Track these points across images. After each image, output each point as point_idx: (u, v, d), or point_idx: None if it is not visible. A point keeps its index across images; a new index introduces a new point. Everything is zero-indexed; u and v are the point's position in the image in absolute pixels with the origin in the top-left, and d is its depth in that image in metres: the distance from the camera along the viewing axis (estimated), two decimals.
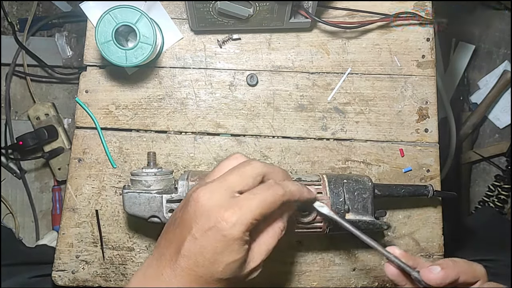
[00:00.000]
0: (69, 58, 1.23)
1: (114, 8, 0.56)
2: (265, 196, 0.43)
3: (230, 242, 0.41)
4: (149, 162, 0.57)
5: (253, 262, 0.45)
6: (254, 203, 0.42)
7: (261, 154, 0.64)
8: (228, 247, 0.41)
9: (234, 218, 0.41)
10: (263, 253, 0.45)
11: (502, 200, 1.27)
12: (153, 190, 0.53)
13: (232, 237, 0.41)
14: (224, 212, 0.41)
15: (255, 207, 0.42)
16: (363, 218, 0.54)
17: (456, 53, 1.31)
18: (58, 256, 0.63)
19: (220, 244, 0.41)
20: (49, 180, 1.27)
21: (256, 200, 0.42)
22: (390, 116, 0.65)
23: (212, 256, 0.42)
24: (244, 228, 0.41)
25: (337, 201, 0.53)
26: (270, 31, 0.64)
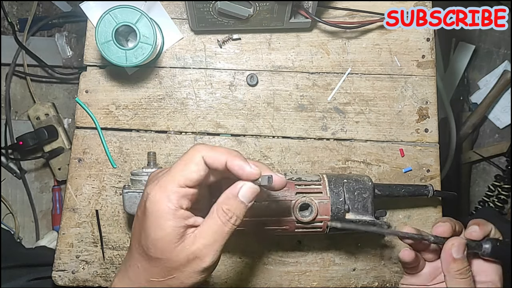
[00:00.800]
0: (69, 58, 1.23)
1: (114, 8, 0.56)
2: (182, 163, 0.42)
3: (157, 215, 0.41)
4: (149, 162, 0.57)
5: (192, 246, 0.42)
6: (172, 172, 0.42)
7: (261, 154, 0.64)
8: (155, 221, 0.42)
9: (151, 190, 0.42)
10: (206, 238, 0.42)
11: (502, 200, 1.27)
12: None
13: (157, 211, 0.41)
14: (148, 188, 0.42)
15: (174, 175, 0.42)
16: (363, 218, 0.54)
17: (456, 53, 1.31)
18: (58, 256, 0.63)
19: (148, 219, 0.42)
20: (49, 180, 1.27)
21: (174, 169, 0.42)
22: (390, 116, 0.65)
23: (145, 232, 0.43)
24: (165, 199, 0.41)
25: (337, 200, 0.53)
26: (270, 31, 0.64)
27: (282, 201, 0.53)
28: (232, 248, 0.63)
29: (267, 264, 0.64)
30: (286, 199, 0.53)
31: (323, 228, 0.54)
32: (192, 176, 0.42)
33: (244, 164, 0.42)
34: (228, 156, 0.42)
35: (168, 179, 0.42)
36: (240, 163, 0.42)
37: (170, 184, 0.42)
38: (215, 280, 0.63)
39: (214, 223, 0.42)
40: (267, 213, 0.53)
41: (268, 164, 0.64)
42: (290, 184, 0.54)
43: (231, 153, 0.43)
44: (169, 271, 0.43)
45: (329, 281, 0.64)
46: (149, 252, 0.43)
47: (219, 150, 0.42)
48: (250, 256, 0.64)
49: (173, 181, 0.42)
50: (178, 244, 0.42)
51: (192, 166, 0.42)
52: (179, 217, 0.42)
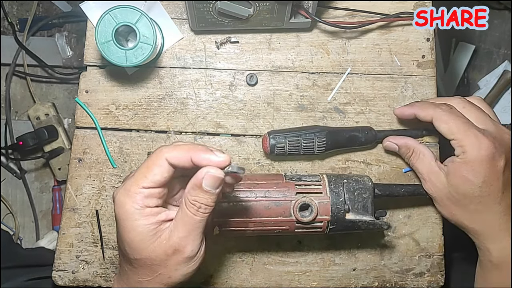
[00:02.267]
0: (69, 58, 1.23)
1: (114, 8, 0.56)
2: (145, 166, 0.42)
3: (125, 218, 0.42)
4: None
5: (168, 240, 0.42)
6: (135, 176, 0.42)
7: (261, 154, 0.64)
8: (125, 224, 0.42)
9: (116, 194, 0.43)
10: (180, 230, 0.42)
11: None
12: None
13: (124, 213, 0.42)
14: (114, 193, 0.43)
15: (137, 178, 0.42)
16: (363, 218, 0.54)
17: (456, 53, 1.31)
18: (58, 256, 0.63)
19: (119, 223, 0.43)
20: (49, 180, 1.27)
21: (137, 173, 0.42)
22: (390, 116, 0.65)
23: (120, 236, 0.43)
24: (129, 201, 0.41)
25: (337, 201, 0.53)
26: (270, 31, 0.64)
27: (282, 201, 0.53)
28: (232, 248, 0.63)
29: (267, 264, 0.64)
30: (286, 199, 0.53)
31: (323, 228, 0.54)
32: (155, 179, 0.42)
33: (210, 156, 0.41)
34: (192, 153, 0.41)
35: (132, 182, 0.42)
36: (205, 156, 0.41)
37: (133, 187, 0.42)
38: (215, 280, 0.63)
39: (184, 215, 0.42)
40: (267, 213, 0.53)
41: (268, 164, 0.64)
42: (290, 184, 0.54)
43: (194, 148, 0.42)
44: (153, 268, 0.43)
45: (329, 281, 0.64)
46: (128, 255, 0.44)
47: (182, 148, 0.42)
48: (250, 256, 0.64)
49: (136, 183, 0.42)
50: (154, 241, 0.42)
51: (155, 168, 0.42)
52: (147, 215, 0.42)
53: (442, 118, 0.51)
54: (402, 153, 0.59)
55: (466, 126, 0.49)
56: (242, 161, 0.64)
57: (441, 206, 0.54)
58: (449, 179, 0.50)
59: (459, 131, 0.50)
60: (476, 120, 0.51)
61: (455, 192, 0.49)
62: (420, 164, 0.56)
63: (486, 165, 0.47)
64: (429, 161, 0.55)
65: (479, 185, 0.47)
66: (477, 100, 0.55)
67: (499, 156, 0.48)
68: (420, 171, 0.56)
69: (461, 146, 0.50)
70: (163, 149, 0.42)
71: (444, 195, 0.51)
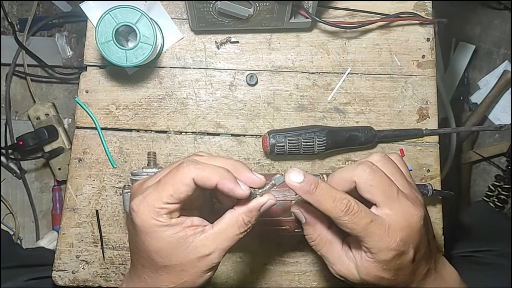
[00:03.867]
0: (69, 58, 1.23)
1: (114, 8, 0.56)
2: (170, 183, 0.42)
3: (150, 230, 0.42)
4: (149, 162, 0.57)
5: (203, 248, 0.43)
6: (159, 190, 0.42)
7: (261, 154, 0.64)
8: (151, 235, 0.42)
9: (138, 207, 0.42)
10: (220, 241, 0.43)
11: (502, 200, 1.27)
12: None
13: (149, 227, 0.42)
14: (134, 204, 0.43)
15: (161, 194, 0.42)
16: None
17: (456, 53, 1.31)
18: (58, 256, 0.63)
19: (143, 234, 0.42)
20: (49, 180, 1.27)
21: (161, 187, 0.42)
22: (390, 116, 0.65)
23: (144, 245, 0.43)
24: (155, 215, 0.41)
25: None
26: (270, 31, 0.64)
27: (282, 201, 0.53)
28: (232, 248, 0.63)
29: (267, 264, 0.64)
30: (286, 199, 0.53)
31: None
32: (180, 196, 0.42)
33: (234, 188, 0.42)
34: (219, 179, 0.42)
35: (156, 197, 0.42)
36: (230, 186, 0.42)
37: (157, 202, 0.42)
38: (215, 280, 0.63)
39: (231, 231, 0.44)
40: (267, 213, 0.53)
41: (268, 164, 0.64)
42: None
43: (222, 174, 0.42)
44: (180, 275, 0.44)
45: (329, 281, 0.64)
46: (156, 263, 0.43)
47: (210, 171, 0.42)
48: (250, 256, 0.64)
49: (161, 199, 0.42)
50: (186, 247, 0.43)
51: (180, 186, 0.41)
52: (173, 225, 0.42)
53: (343, 221, 0.44)
54: (307, 234, 0.50)
55: (370, 228, 0.44)
56: (242, 161, 0.64)
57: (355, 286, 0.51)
58: (360, 274, 0.47)
59: (362, 234, 0.44)
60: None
61: (368, 283, 0.47)
62: (326, 252, 0.49)
63: (396, 262, 0.45)
64: (337, 251, 0.49)
65: (392, 279, 0.46)
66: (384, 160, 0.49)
67: (406, 250, 0.45)
68: (326, 259, 0.50)
69: (367, 248, 0.45)
70: (191, 168, 0.42)
71: (355, 282, 0.48)
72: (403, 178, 0.49)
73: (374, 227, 0.44)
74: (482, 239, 0.91)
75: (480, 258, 0.78)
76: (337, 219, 0.44)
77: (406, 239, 0.45)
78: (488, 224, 1.06)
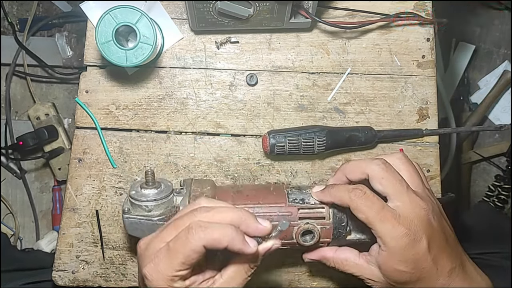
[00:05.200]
0: (69, 58, 1.23)
1: (114, 8, 0.56)
2: (181, 251, 0.42)
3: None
4: (147, 182, 0.54)
5: None
6: (171, 258, 0.42)
7: (261, 154, 0.64)
8: None
9: (152, 275, 0.42)
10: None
11: (502, 200, 1.27)
12: (155, 215, 0.52)
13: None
14: (146, 270, 0.43)
15: (173, 262, 0.42)
16: (362, 236, 0.54)
17: (456, 53, 1.31)
18: (59, 256, 0.63)
19: None
20: (49, 180, 1.27)
21: (173, 255, 0.42)
22: (390, 116, 0.65)
23: None
24: (169, 282, 0.42)
25: (339, 225, 0.52)
26: (270, 31, 0.64)
27: None
28: None
29: (267, 264, 0.64)
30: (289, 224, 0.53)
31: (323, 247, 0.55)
32: (191, 262, 0.42)
33: (243, 248, 0.43)
34: (229, 241, 0.42)
35: (168, 266, 0.42)
36: (239, 246, 0.43)
37: (170, 271, 0.42)
38: None
39: (239, 277, 0.46)
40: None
41: (268, 164, 0.64)
42: (293, 208, 0.53)
43: (231, 235, 0.42)
44: None
45: (329, 281, 0.64)
46: None
47: (219, 234, 0.42)
48: None
49: (173, 268, 0.42)
50: None
51: (192, 254, 0.42)
52: (186, 286, 0.43)
53: (358, 205, 0.47)
54: (326, 264, 0.55)
55: (382, 213, 0.47)
56: (242, 161, 0.64)
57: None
58: (382, 272, 0.49)
59: (374, 219, 0.47)
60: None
61: (393, 282, 0.49)
62: (349, 269, 0.52)
63: (411, 252, 0.46)
64: (355, 262, 0.52)
65: (412, 272, 0.47)
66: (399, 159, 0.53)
67: (419, 239, 0.46)
68: (354, 274, 0.52)
69: (380, 237, 0.47)
70: (200, 235, 0.42)
71: (386, 286, 0.50)
72: (419, 179, 0.51)
73: (385, 213, 0.47)
74: (487, 241, 0.90)
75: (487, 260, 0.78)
76: (353, 205, 0.48)
77: (416, 228, 0.47)
78: (492, 226, 1.05)
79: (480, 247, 0.83)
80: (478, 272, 0.51)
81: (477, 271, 0.51)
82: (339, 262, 0.53)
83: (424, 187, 0.51)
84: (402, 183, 0.48)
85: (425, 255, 0.47)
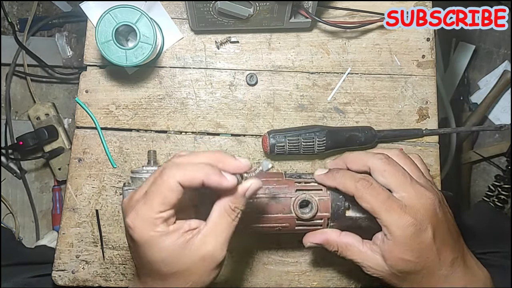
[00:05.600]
0: (69, 58, 1.23)
1: (114, 8, 0.56)
2: (158, 191, 0.42)
3: (151, 242, 0.42)
4: (149, 161, 0.57)
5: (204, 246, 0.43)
6: (149, 202, 0.42)
7: (261, 154, 0.64)
8: (152, 247, 0.42)
9: (134, 223, 0.42)
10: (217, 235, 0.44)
11: (502, 200, 1.27)
12: None
13: (148, 239, 0.42)
14: (129, 220, 0.43)
15: (152, 205, 0.42)
16: (363, 215, 0.54)
17: (456, 53, 1.31)
18: (58, 256, 0.63)
19: (144, 247, 0.43)
20: (49, 180, 1.27)
21: (150, 198, 0.42)
22: (390, 116, 0.65)
23: (147, 257, 0.43)
24: (151, 227, 0.42)
25: (337, 197, 0.53)
26: (270, 31, 0.64)
27: (282, 197, 0.53)
28: (232, 248, 0.63)
29: (267, 264, 0.64)
30: (286, 196, 0.53)
31: (324, 226, 0.54)
32: (171, 202, 0.42)
33: (220, 180, 0.42)
34: (205, 175, 0.42)
35: (147, 209, 0.42)
36: (215, 179, 0.42)
37: (150, 213, 0.42)
38: (215, 280, 0.63)
39: (224, 221, 0.44)
40: (266, 210, 0.53)
41: None
42: (290, 181, 0.54)
43: (206, 170, 0.42)
44: (188, 278, 0.44)
45: (329, 281, 0.64)
46: (163, 272, 0.44)
47: (193, 170, 0.42)
48: (250, 256, 0.64)
49: (153, 210, 0.42)
50: (188, 252, 0.43)
51: (168, 194, 0.42)
52: (171, 233, 0.43)
53: (364, 194, 0.48)
54: (328, 249, 0.54)
55: (387, 203, 0.47)
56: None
57: (390, 283, 0.52)
58: (386, 261, 0.49)
59: (380, 209, 0.47)
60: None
61: (396, 271, 0.49)
62: (351, 255, 0.52)
63: (416, 241, 0.47)
64: (359, 249, 0.51)
65: (416, 261, 0.47)
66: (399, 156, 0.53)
67: (425, 229, 0.47)
68: (355, 261, 0.52)
69: (385, 226, 0.47)
70: (174, 172, 0.42)
71: (387, 275, 0.50)
72: (419, 171, 0.51)
73: (392, 202, 0.47)
74: (487, 241, 0.90)
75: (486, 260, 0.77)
76: (358, 192, 0.48)
77: (422, 218, 0.47)
78: (492, 225, 1.05)
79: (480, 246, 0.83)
80: (478, 266, 0.52)
81: (478, 265, 0.52)
82: (343, 246, 0.52)
83: (426, 179, 0.51)
84: (405, 175, 0.49)
85: (430, 244, 0.47)
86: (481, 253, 0.80)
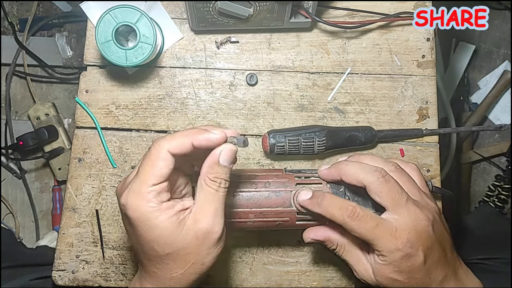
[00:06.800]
0: (69, 58, 1.23)
1: (114, 8, 0.56)
2: (149, 163, 0.42)
3: (144, 220, 0.42)
4: None
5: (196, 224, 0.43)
6: (141, 175, 0.42)
7: (261, 154, 0.64)
8: (146, 225, 0.42)
9: (126, 200, 0.42)
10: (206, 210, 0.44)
11: (502, 200, 1.27)
12: None
13: (142, 216, 0.42)
14: (122, 199, 0.43)
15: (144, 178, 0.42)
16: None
17: (456, 53, 1.31)
18: (58, 256, 0.63)
19: (139, 227, 0.43)
20: (49, 180, 1.27)
21: (142, 172, 0.42)
22: (390, 116, 0.65)
23: (142, 238, 0.43)
24: (145, 202, 0.42)
25: (337, 191, 0.53)
26: (270, 31, 0.64)
27: (282, 191, 0.53)
28: (232, 248, 0.63)
29: (267, 264, 0.64)
30: (286, 190, 0.53)
31: (324, 220, 0.54)
32: (162, 173, 0.42)
33: (208, 135, 0.43)
34: (192, 137, 0.42)
35: (140, 183, 0.42)
36: (204, 136, 0.43)
37: (143, 187, 0.42)
38: (215, 280, 0.63)
39: (208, 194, 0.44)
40: (267, 203, 0.53)
41: (268, 164, 0.64)
42: (290, 175, 0.54)
43: (191, 132, 0.43)
44: (186, 258, 0.44)
45: (329, 281, 0.64)
46: (158, 252, 0.43)
47: (179, 136, 0.43)
48: (250, 256, 0.64)
49: (145, 183, 0.42)
50: (182, 230, 0.43)
51: (159, 163, 0.42)
52: (165, 210, 0.42)
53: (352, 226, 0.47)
54: (327, 246, 0.54)
55: (376, 231, 0.46)
56: (242, 161, 0.64)
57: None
58: (375, 276, 0.49)
59: (369, 237, 0.47)
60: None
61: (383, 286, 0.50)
62: (346, 255, 0.53)
63: (406, 263, 0.47)
64: (356, 252, 0.52)
65: (405, 281, 0.48)
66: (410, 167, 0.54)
67: (415, 251, 0.46)
68: (348, 262, 0.53)
69: (376, 250, 0.47)
70: (161, 142, 0.42)
71: (374, 285, 0.50)
72: (415, 187, 0.51)
73: (380, 229, 0.46)
74: (489, 246, 0.89)
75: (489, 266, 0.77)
76: (346, 225, 0.47)
77: (414, 241, 0.46)
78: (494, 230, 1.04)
79: (481, 252, 0.82)
80: (469, 277, 0.51)
81: (468, 276, 0.51)
82: (342, 245, 0.52)
83: (422, 194, 0.51)
84: (401, 194, 0.48)
85: (420, 266, 0.47)
86: (482, 259, 0.80)
